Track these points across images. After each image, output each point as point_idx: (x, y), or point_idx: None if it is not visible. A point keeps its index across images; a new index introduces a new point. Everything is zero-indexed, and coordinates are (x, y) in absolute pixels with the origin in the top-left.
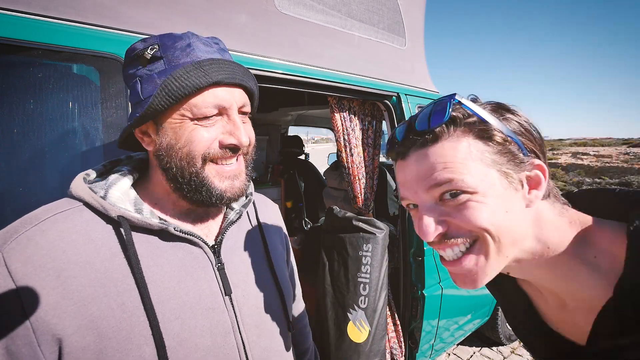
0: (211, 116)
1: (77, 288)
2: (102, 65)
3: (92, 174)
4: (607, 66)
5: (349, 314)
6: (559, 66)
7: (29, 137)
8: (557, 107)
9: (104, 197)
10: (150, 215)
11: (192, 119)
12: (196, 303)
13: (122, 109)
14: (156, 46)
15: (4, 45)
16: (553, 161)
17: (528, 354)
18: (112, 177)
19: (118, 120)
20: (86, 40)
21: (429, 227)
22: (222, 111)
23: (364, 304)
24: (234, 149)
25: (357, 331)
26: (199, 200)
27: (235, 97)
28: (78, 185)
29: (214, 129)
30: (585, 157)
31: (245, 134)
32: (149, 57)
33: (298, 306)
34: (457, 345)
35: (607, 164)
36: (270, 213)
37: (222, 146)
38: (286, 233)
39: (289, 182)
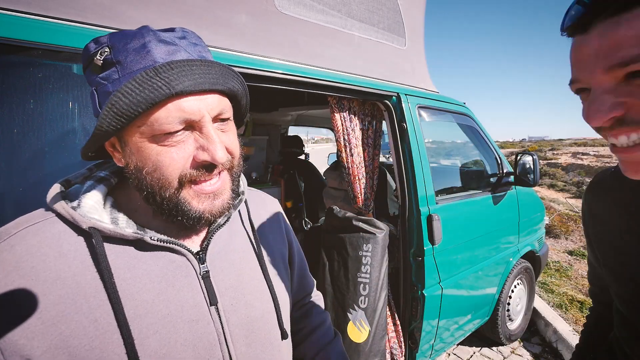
0: (176, 132)
1: (46, 306)
2: None
3: (73, 180)
4: None
5: (349, 314)
6: (559, 66)
7: (29, 137)
8: (557, 107)
9: (77, 207)
10: (125, 224)
11: (154, 136)
12: (177, 315)
13: None
14: (107, 49)
15: (4, 45)
16: (553, 161)
17: (528, 354)
18: (89, 183)
19: None
20: (86, 40)
21: (601, 107)
22: (191, 124)
23: (364, 304)
24: (210, 167)
25: (357, 331)
26: (174, 222)
27: (209, 106)
28: (51, 194)
29: (185, 145)
30: (585, 157)
31: (222, 147)
32: (100, 64)
33: (310, 293)
34: (457, 345)
35: (607, 164)
36: (268, 210)
37: (196, 164)
38: (288, 227)
39: (289, 182)
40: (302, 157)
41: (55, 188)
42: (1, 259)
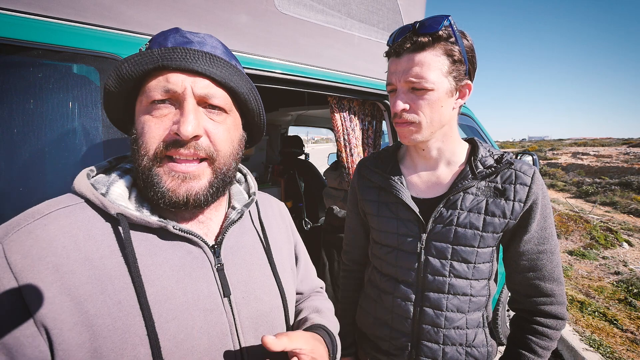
0: (161, 102)
1: (75, 284)
2: (102, 65)
3: (96, 170)
4: (607, 66)
5: None
6: (559, 66)
7: (29, 137)
8: (557, 107)
9: (105, 194)
10: (150, 213)
11: (146, 106)
12: (194, 304)
13: None
14: (148, 42)
15: (4, 45)
16: (553, 161)
17: None
18: (115, 173)
19: None
20: (86, 40)
21: (400, 102)
22: (175, 97)
23: None
24: (179, 142)
25: None
26: (153, 201)
27: (195, 83)
28: (81, 181)
29: (165, 119)
30: (585, 157)
31: (194, 123)
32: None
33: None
34: None
35: (607, 164)
36: (275, 212)
37: (169, 137)
38: (294, 228)
39: (289, 182)
40: (302, 157)
41: (83, 176)
42: (34, 236)
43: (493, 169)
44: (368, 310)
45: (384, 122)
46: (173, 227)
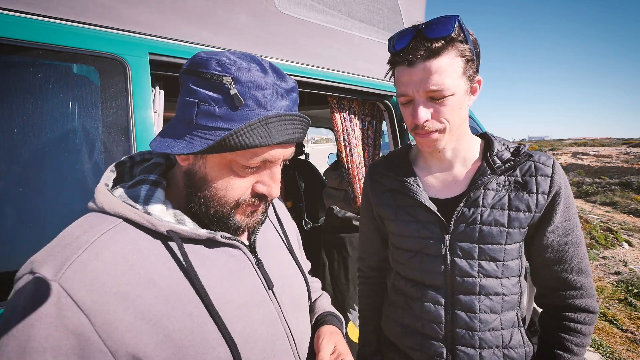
0: (254, 167)
1: (146, 307)
2: (102, 65)
3: (111, 183)
4: (607, 66)
5: (349, 314)
6: (559, 66)
7: (29, 137)
8: (557, 107)
9: (146, 213)
10: (193, 225)
11: (235, 163)
12: (249, 301)
13: (122, 109)
14: (230, 79)
15: (4, 45)
16: None
17: None
18: (145, 188)
19: (118, 121)
20: (86, 40)
21: (422, 113)
22: (267, 164)
23: None
24: (263, 197)
25: (357, 331)
26: (210, 225)
27: (286, 153)
28: (111, 200)
29: (252, 177)
30: (585, 157)
31: (279, 186)
32: (218, 85)
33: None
34: None
35: (607, 164)
36: (283, 209)
37: (253, 193)
38: (295, 225)
39: (289, 182)
40: (302, 157)
41: (108, 194)
42: (92, 268)
43: (512, 162)
44: (395, 318)
45: (384, 122)
46: (221, 236)
